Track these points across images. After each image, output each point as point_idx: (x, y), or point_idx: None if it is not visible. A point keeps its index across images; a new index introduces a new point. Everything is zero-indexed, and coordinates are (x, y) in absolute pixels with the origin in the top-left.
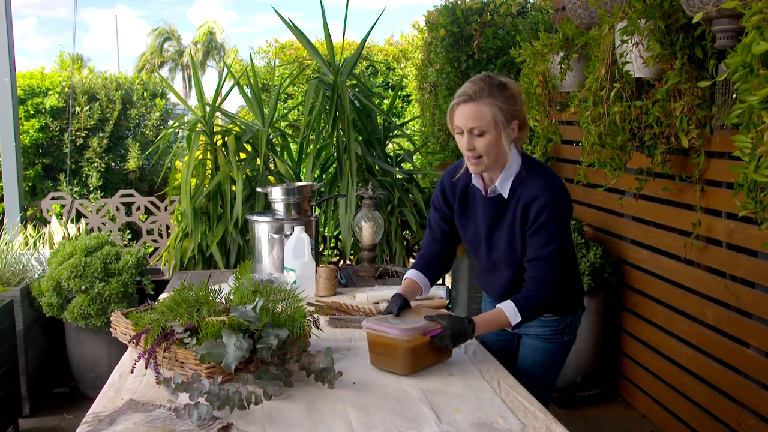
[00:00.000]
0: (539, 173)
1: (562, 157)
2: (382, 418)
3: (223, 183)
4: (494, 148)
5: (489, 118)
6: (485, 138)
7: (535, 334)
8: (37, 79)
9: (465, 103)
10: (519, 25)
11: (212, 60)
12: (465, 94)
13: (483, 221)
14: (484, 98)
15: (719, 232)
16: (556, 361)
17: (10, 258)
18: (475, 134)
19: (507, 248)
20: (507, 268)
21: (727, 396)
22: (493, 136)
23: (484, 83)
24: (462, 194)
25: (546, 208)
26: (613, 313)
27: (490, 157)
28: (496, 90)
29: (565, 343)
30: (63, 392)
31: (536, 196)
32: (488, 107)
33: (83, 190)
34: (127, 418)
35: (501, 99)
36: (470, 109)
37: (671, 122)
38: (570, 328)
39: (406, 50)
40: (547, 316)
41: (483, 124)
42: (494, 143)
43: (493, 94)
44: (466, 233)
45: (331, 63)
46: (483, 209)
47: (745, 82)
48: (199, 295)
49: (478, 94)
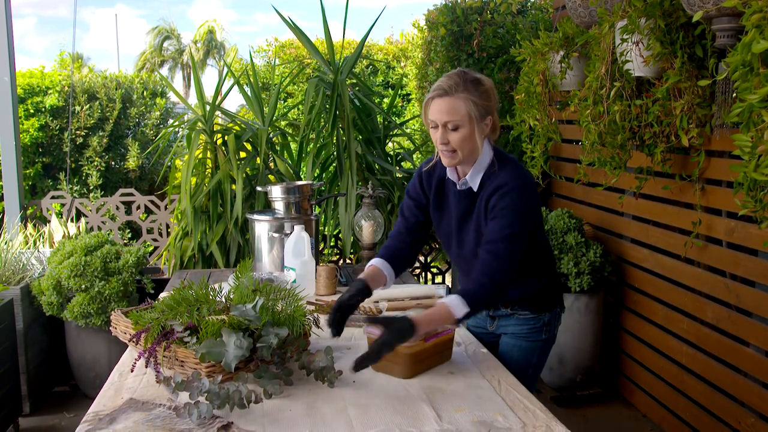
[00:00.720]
0: (506, 166)
1: (562, 156)
2: (382, 417)
3: (223, 182)
4: (468, 143)
5: (463, 112)
6: (459, 132)
7: (512, 332)
8: (37, 78)
9: (440, 97)
10: (519, 23)
11: (212, 59)
12: (440, 88)
13: (455, 215)
14: (459, 93)
15: (719, 230)
16: (533, 360)
17: (10, 257)
18: (449, 128)
19: (474, 242)
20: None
21: (727, 395)
22: (467, 131)
23: (459, 78)
24: (438, 186)
25: (507, 196)
26: (613, 312)
27: (463, 151)
28: (471, 85)
29: (543, 342)
30: (63, 391)
31: (499, 186)
32: (463, 102)
33: (83, 189)
34: (128, 416)
35: (476, 94)
36: (445, 104)
37: (671, 121)
38: (548, 327)
39: (406, 49)
40: (524, 313)
41: (457, 119)
42: (468, 138)
43: (468, 89)
44: (441, 226)
45: (331, 62)
46: (455, 202)
47: (745, 81)
48: (199, 294)
49: (453, 88)
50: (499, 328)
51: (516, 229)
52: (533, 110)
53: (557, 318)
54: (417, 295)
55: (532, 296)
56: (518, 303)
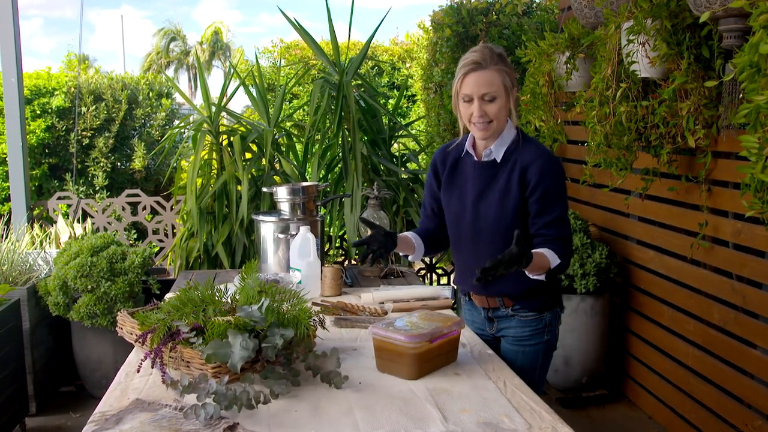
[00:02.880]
0: (533, 142)
1: (567, 157)
2: (388, 418)
3: (228, 183)
4: (503, 112)
5: (498, 83)
6: (496, 103)
7: (513, 336)
8: (44, 80)
9: (474, 71)
10: (524, 24)
11: (218, 60)
12: (473, 62)
13: (472, 188)
14: (492, 65)
15: (726, 232)
16: (539, 363)
17: (17, 257)
18: (486, 100)
19: (496, 214)
20: (490, 238)
21: (734, 397)
22: (503, 101)
23: (488, 51)
24: (452, 166)
25: (547, 173)
26: (618, 313)
27: (499, 122)
28: (499, 58)
29: (546, 343)
30: (69, 391)
31: (534, 160)
32: (497, 73)
33: (89, 190)
34: (134, 417)
35: (508, 66)
36: (480, 77)
37: (678, 122)
38: (549, 327)
39: (411, 50)
40: (525, 314)
41: (494, 90)
42: (503, 107)
43: (499, 61)
44: (450, 205)
45: (337, 63)
46: (474, 176)
47: (752, 82)
48: (204, 294)
49: (486, 61)
50: (500, 330)
51: (564, 208)
52: (539, 111)
53: (558, 318)
54: (422, 296)
55: (532, 291)
56: (519, 299)
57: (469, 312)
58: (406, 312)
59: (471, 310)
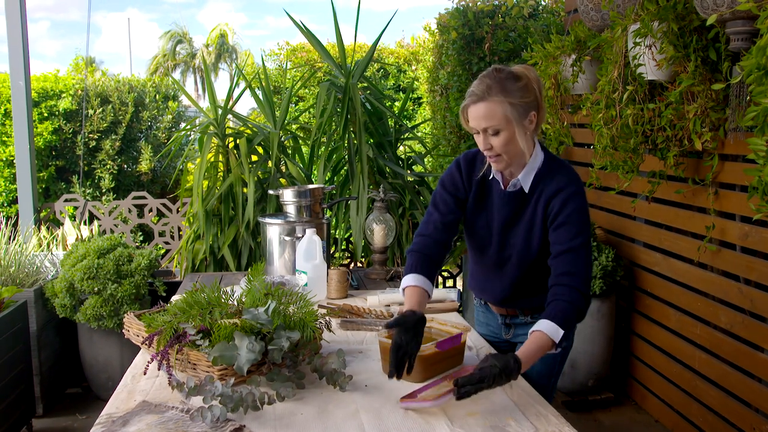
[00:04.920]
0: (561, 169)
1: (574, 160)
2: (394, 421)
3: (234, 185)
4: (512, 145)
5: (500, 115)
6: (500, 136)
7: None
8: (51, 82)
9: (474, 103)
10: (531, 27)
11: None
12: (474, 94)
13: (498, 216)
14: (493, 96)
15: (733, 235)
16: (555, 369)
17: (24, 259)
18: (489, 133)
19: (523, 245)
20: (516, 267)
21: (741, 400)
22: (508, 134)
23: (491, 80)
24: (479, 185)
25: (570, 201)
26: (625, 316)
27: (509, 154)
28: (506, 84)
29: (563, 349)
30: (75, 393)
31: (560, 189)
32: (498, 105)
33: (96, 192)
34: (140, 419)
35: (512, 94)
36: (480, 109)
37: (684, 125)
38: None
39: (417, 53)
40: None
41: (495, 123)
42: (510, 140)
43: (503, 89)
44: (475, 228)
45: (343, 65)
46: (500, 204)
47: (759, 85)
48: (211, 297)
49: (486, 92)
50: (516, 337)
51: (587, 235)
52: (545, 114)
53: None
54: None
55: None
56: (539, 311)
57: (483, 315)
58: None
59: (486, 313)
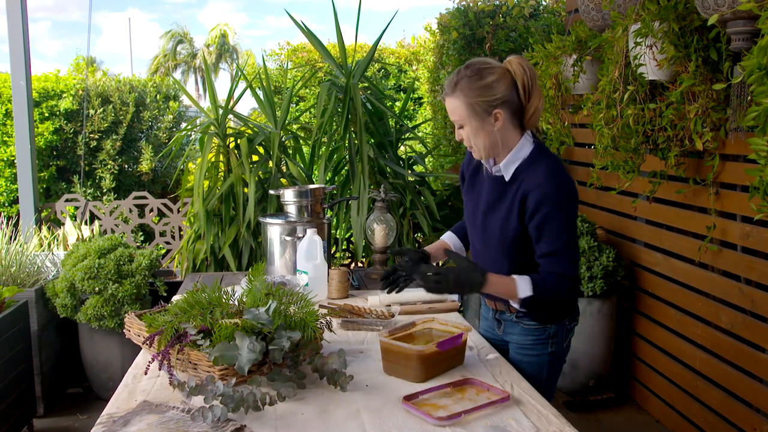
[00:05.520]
0: (544, 163)
1: (574, 160)
2: (395, 421)
3: (235, 185)
4: (479, 139)
5: (460, 111)
6: (464, 130)
7: (516, 342)
8: (52, 82)
9: (445, 96)
10: (531, 27)
11: (225, 63)
12: (445, 87)
13: (484, 198)
14: (456, 92)
15: (734, 235)
16: (543, 375)
17: (25, 259)
18: (457, 126)
19: (500, 232)
20: (497, 252)
21: (742, 401)
22: (470, 128)
23: (457, 76)
24: (475, 167)
25: (547, 200)
26: (625, 316)
27: (479, 146)
28: (469, 82)
29: (551, 355)
30: (76, 393)
31: (538, 185)
32: (459, 102)
33: (96, 192)
34: (141, 419)
35: (471, 93)
36: (448, 104)
37: (685, 125)
38: (554, 339)
39: (417, 53)
40: (528, 323)
41: (457, 118)
42: (475, 133)
43: (463, 88)
44: (468, 208)
45: (344, 65)
46: (487, 188)
47: (760, 85)
48: (212, 297)
49: (451, 87)
50: (506, 334)
51: (570, 233)
52: (546, 114)
53: (566, 331)
54: (429, 298)
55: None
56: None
57: (484, 308)
58: (413, 315)
59: (484, 306)
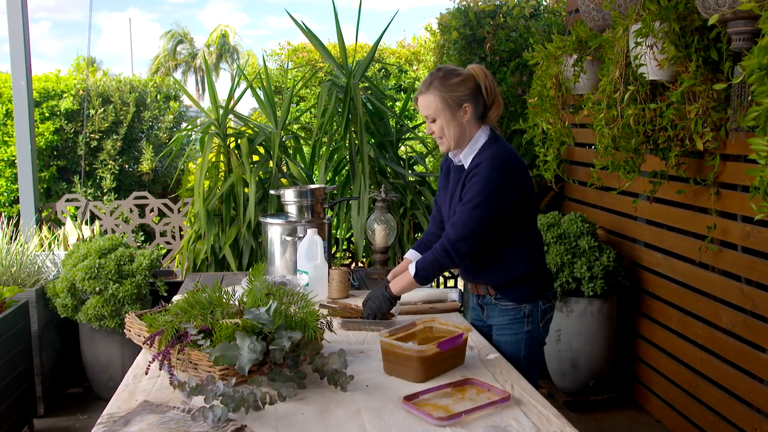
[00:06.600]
0: (492, 147)
1: (575, 160)
2: (395, 421)
3: (235, 185)
4: (449, 130)
5: (434, 106)
6: (437, 123)
7: (496, 324)
8: (53, 82)
9: (418, 95)
10: (532, 27)
11: (225, 63)
12: (420, 87)
13: (451, 189)
14: (431, 89)
15: (734, 235)
16: (522, 353)
17: (26, 259)
18: (429, 120)
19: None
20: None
21: (743, 401)
22: (444, 119)
23: (431, 77)
24: (448, 168)
25: (479, 172)
26: (626, 316)
27: (448, 138)
28: (443, 80)
29: (527, 334)
30: (77, 393)
31: (478, 164)
32: (433, 96)
33: (97, 192)
34: (142, 419)
35: (445, 88)
36: (421, 101)
37: (686, 125)
38: (529, 318)
39: (418, 53)
40: (505, 303)
41: (431, 112)
42: (446, 125)
43: (438, 84)
44: (443, 204)
45: (344, 65)
46: (453, 179)
47: (761, 85)
48: (212, 297)
49: (426, 86)
50: (489, 318)
51: (479, 200)
52: (546, 114)
53: (542, 312)
54: (429, 298)
55: (510, 284)
56: (500, 289)
57: (471, 298)
58: (414, 314)
59: (471, 295)
